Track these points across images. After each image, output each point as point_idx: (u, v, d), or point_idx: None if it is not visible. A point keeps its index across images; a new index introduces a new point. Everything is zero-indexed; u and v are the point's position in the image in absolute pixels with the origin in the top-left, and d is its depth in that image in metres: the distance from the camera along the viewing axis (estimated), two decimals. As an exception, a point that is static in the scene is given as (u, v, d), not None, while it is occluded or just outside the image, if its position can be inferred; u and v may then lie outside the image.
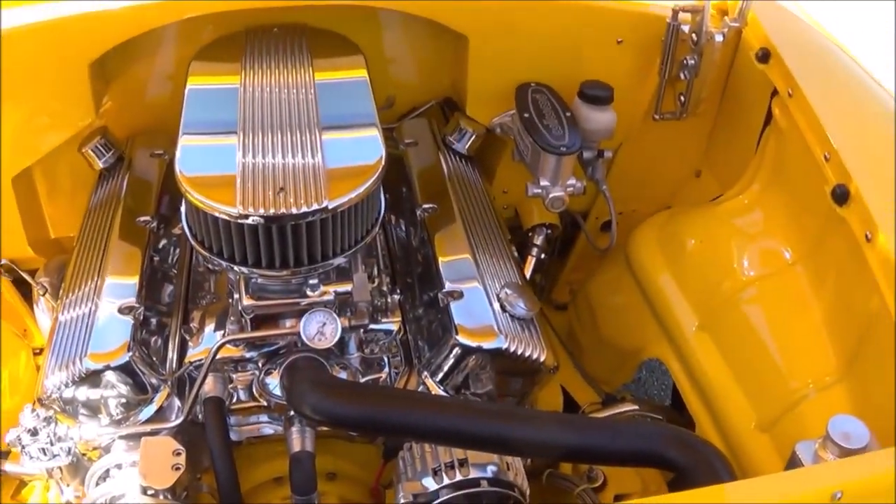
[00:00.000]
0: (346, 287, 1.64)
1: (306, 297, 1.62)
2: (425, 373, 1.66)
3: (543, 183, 1.90)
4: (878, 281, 1.50)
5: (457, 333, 1.63)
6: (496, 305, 1.70)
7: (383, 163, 1.59)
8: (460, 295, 1.70)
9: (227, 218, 1.50)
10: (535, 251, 2.18)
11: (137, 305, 1.67)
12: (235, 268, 1.57)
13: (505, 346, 1.63)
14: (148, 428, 1.59)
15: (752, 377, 1.77)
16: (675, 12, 1.96)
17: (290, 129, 1.64)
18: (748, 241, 1.91)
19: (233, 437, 1.67)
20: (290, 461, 1.57)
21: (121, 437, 1.58)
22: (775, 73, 1.90)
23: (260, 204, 1.48)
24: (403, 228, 1.98)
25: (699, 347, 1.85)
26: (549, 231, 2.21)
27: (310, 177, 1.54)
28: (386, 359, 1.74)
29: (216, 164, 1.57)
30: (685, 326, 1.88)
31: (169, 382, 1.64)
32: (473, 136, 2.08)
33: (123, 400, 1.62)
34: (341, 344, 1.69)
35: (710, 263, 1.92)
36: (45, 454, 1.56)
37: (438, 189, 1.96)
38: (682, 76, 2.02)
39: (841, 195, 1.61)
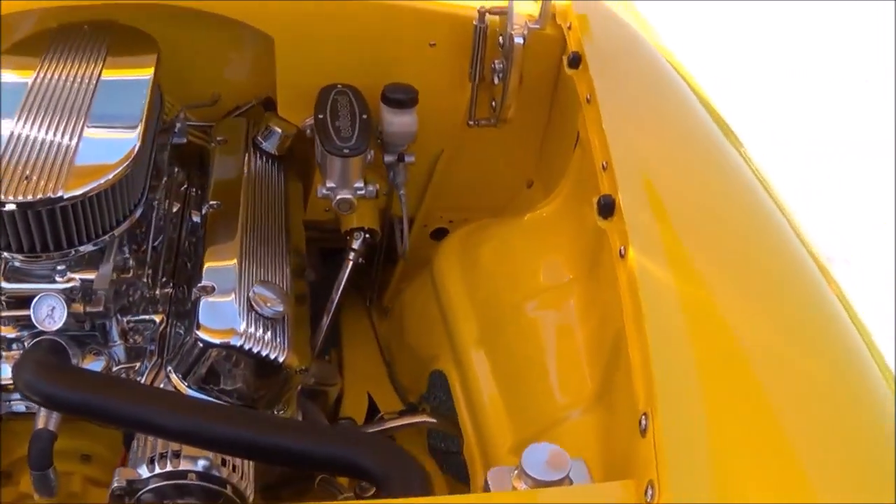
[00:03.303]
0: (91, 275, 1.76)
1: (54, 282, 1.76)
2: (170, 367, 1.78)
3: (330, 185, 2.00)
4: (622, 302, 1.51)
5: (197, 329, 1.73)
6: (245, 304, 1.81)
7: (131, 159, 1.72)
8: (212, 290, 1.83)
9: None
10: (352, 255, 2.24)
11: None
12: None
13: (240, 343, 1.71)
14: None
15: (517, 397, 1.83)
16: (482, 14, 2.04)
17: (58, 124, 1.79)
18: (537, 255, 1.97)
19: (-1, 410, 1.81)
20: (31, 438, 1.67)
21: None
22: (582, 78, 1.96)
23: (7, 191, 1.65)
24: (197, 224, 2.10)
25: (475, 361, 1.91)
26: (368, 235, 2.26)
27: (56, 167, 1.70)
28: (150, 350, 1.84)
29: None
30: (466, 339, 1.95)
31: None
32: (281, 137, 2.19)
33: None
34: (103, 331, 1.82)
35: (498, 276, 1.99)
36: None
37: (231, 187, 2.05)
38: (495, 81, 2.13)
39: (605, 207, 1.65)
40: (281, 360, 1.77)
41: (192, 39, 2.13)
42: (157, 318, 1.86)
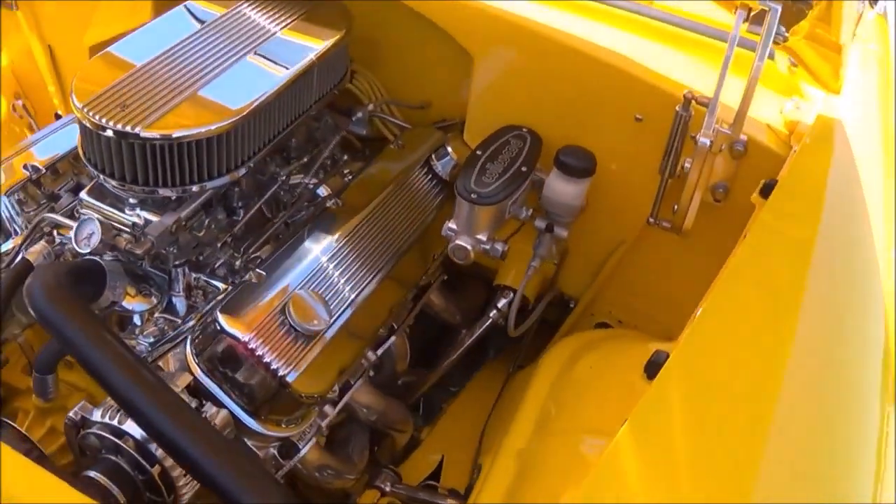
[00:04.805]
0: (157, 219, 1.77)
1: (122, 213, 1.79)
2: (191, 336, 1.74)
3: (452, 225, 1.84)
4: None
5: (221, 310, 1.69)
6: (281, 307, 1.72)
7: (231, 121, 1.72)
8: (261, 278, 1.75)
9: (76, 114, 1.73)
10: (493, 313, 2.08)
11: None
12: (83, 161, 1.80)
13: (246, 340, 1.65)
14: None
15: None
16: (687, 100, 1.75)
17: (200, 64, 1.83)
18: (620, 388, 1.66)
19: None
20: (45, 343, 1.74)
21: None
22: (759, 210, 1.65)
23: (98, 111, 1.69)
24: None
25: (502, 471, 1.69)
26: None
27: (159, 104, 1.72)
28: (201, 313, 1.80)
29: (122, 67, 1.81)
30: (511, 444, 1.73)
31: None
32: (454, 163, 2.08)
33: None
34: (171, 278, 1.85)
35: (578, 393, 1.71)
36: None
37: (369, 192, 1.98)
38: (688, 181, 1.85)
39: (651, 364, 1.44)
40: (281, 374, 1.67)
41: (417, 42, 2.06)
42: (222, 287, 1.84)
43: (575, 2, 2.00)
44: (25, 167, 1.90)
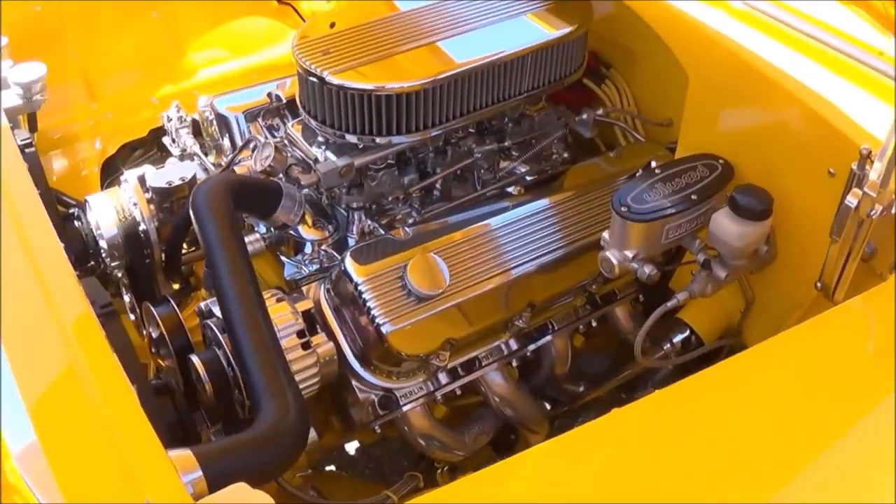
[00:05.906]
0: (335, 159, 1.94)
1: (310, 147, 1.98)
2: (333, 270, 1.87)
3: (606, 236, 1.79)
4: None
5: (350, 253, 1.82)
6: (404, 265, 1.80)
7: (434, 80, 1.86)
8: (405, 236, 1.86)
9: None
10: (667, 346, 2.01)
11: None
12: (297, 101, 2.00)
13: (360, 282, 1.76)
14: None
15: None
16: (863, 157, 1.55)
17: (431, 27, 1.97)
18: None
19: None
20: None
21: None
22: None
23: (305, 54, 1.90)
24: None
25: None
26: (693, 337, 1.99)
27: (363, 55, 1.90)
28: None
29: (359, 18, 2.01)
30: None
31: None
32: None
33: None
34: (347, 218, 2.03)
35: None
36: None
37: (561, 188, 2.01)
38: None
39: None
40: (378, 322, 1.77)
41: (669, 59, 2.03)
42: (381, 231, 1.98)
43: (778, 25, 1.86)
44: (269, 94, 2.14)
